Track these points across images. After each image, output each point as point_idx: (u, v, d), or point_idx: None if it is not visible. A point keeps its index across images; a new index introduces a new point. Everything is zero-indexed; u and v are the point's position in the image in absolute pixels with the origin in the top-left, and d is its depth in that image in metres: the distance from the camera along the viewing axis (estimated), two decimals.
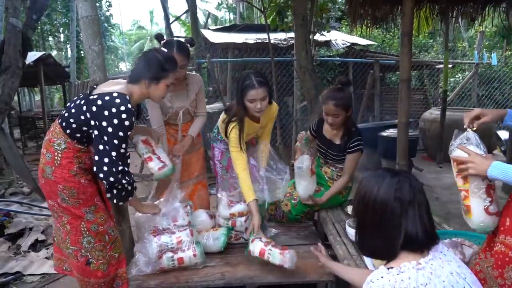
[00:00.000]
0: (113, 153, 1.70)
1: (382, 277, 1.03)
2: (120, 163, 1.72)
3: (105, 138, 1.69)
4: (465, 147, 1.37)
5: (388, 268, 1.04)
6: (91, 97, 1.74)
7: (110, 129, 1.68)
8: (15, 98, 9.47)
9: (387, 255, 1.09)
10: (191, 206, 2.29)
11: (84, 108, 1.75)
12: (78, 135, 1.78)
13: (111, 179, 1.70)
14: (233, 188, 2.38)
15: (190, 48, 2.56)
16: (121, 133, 1.70)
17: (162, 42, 2.41)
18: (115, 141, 1.69)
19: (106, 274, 1.90)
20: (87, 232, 1.84)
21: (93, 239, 1.85)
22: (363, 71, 6.96)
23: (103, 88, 1.80)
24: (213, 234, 2.21)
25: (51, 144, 1.79)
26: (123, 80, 1.90)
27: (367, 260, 1.74)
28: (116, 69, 26.00)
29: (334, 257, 2.08)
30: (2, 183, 5.06)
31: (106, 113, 1.68)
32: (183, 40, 2.51)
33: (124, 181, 1.73)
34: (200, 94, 2.66)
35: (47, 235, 3.36)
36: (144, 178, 5.46)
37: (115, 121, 1.68)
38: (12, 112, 9.33)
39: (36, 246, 3.26)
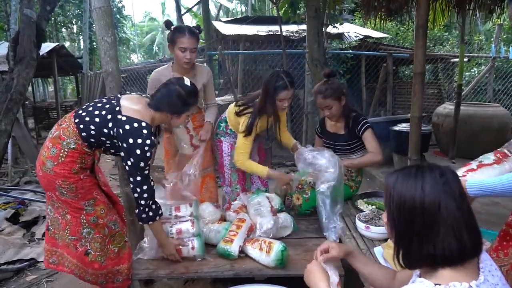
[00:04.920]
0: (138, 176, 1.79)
1: None
2: (145, 187, 1.80)
3: (132, 160, 1.75)
4: None
5: (435, 284, 0.89)
6: (119, 117, 1.74)
7: (132, 159, 1.74)
8: (29, 88, 9.63)
9: (428, 263, 0.94)
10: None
11: (110, 124, 1.76)
12: (92, 140, 1.78)
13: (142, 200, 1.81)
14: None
15: (201, 40, 2.56)
16: (142, 164, 1.76)
17: (172, 28, 2.41)
18: (141, 164, 1.77)
19: (104, 267, 1.91)
20: (87, 224, 1.85)
21: (92, 230, 1.87)
22: (376, 64, 6.87)
23: (129, 105, 1.79)
24: (216, 227, 2.20)
25: (60, 141, 1.77)
26: (146, 99, 1.89)
27: (379, 256, 1.73)
28: (128, 61, 26.16)
29: None
30: (17, 172, 5.17)
31: (131, 140, 1.71)
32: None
33: (144, 202, 1.81)
34: (209, 85, 2.66)
35: None
36: (154, 169, 5.51)
37: (138, 151, 1.72)
38: (27, 102, 9.50)
39: None
